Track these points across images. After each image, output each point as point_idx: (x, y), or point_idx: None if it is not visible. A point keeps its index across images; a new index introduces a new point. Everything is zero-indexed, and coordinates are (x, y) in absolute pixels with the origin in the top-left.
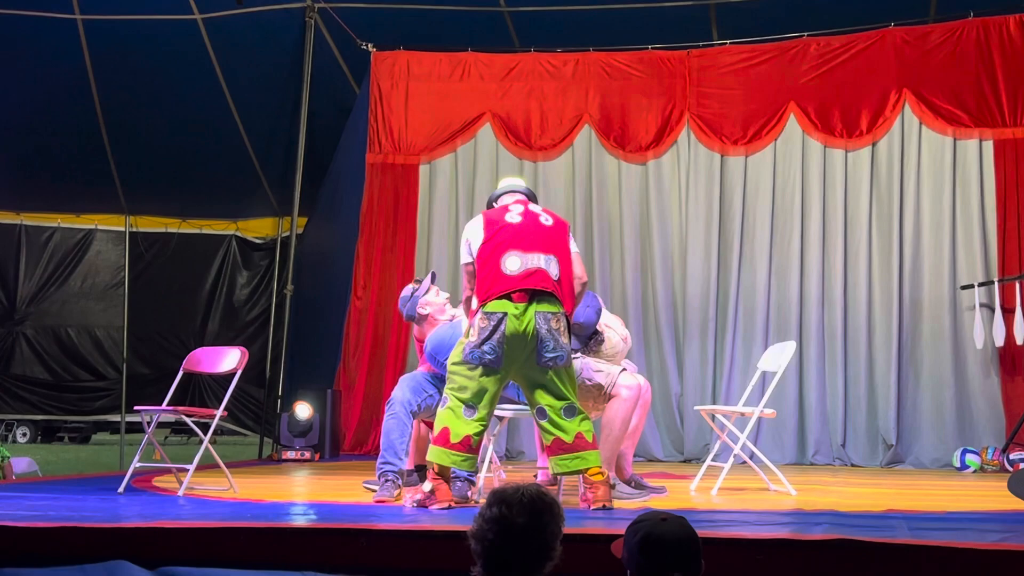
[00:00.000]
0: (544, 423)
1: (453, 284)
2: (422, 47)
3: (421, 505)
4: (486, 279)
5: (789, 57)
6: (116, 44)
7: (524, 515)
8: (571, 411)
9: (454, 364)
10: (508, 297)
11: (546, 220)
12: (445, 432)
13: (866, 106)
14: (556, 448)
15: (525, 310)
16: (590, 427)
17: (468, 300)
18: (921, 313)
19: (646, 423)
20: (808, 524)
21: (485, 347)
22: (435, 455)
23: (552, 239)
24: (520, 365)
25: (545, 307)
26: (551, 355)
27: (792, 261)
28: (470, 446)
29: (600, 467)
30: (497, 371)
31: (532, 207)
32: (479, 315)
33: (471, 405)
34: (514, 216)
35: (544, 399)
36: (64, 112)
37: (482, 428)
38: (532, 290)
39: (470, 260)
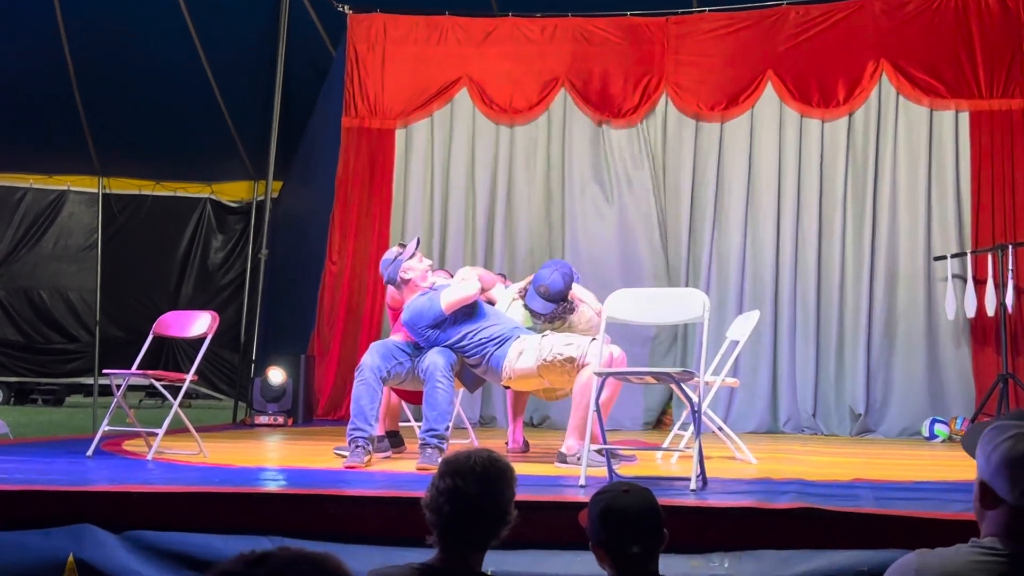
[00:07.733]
0: None
1: (434, 250)
2: (399, 10)
3: None
4: None
5: (768, 25)
6: (89, 4)
7: (477, 484)
8: None
9: None
10: None
11: None
12: None
13: (843, 76)
14: None
15: None
16: None
17: None
18: (895, 284)
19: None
20: (775, 493)
21: None
22: None
23: None
24: None
25: None
26: None
27: (766, 230)
28: None
29: None
30: None
31: None
32: None
33: None
34: None
35: None
36: (36, 72)
37: None
38: None
39: None
